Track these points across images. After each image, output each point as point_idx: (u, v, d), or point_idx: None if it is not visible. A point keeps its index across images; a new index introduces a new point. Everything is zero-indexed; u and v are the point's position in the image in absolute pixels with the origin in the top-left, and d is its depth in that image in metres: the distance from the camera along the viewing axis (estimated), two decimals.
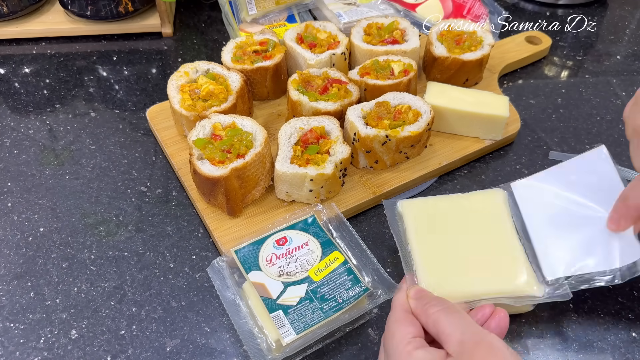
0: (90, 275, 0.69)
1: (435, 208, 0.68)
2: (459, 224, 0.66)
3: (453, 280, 0.61)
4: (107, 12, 1.02)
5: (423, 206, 0.68)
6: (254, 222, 0.72)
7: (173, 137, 0.83)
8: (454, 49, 0.88)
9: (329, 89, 0.81)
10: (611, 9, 1.19)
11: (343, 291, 0.60)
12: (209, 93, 0.79)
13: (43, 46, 1.04)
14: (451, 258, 0.63)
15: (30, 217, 0.75)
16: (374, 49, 0.88)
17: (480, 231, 0.66)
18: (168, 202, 0.78)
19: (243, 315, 0.60)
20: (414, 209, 0.68)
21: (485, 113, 0.81)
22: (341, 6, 1.07)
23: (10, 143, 0.86)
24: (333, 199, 0.75)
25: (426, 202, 0.69)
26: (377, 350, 0.62)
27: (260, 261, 0.63)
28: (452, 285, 0.61)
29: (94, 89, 0.96)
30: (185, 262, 0.71)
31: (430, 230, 0.66)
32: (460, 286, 0.61)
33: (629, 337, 0.64)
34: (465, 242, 0.65)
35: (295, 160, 0.71)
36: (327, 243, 0.65)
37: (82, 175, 0.81)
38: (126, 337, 0.63)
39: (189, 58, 1.03)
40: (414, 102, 0.79)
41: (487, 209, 0.68)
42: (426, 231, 0.65)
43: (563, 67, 1.04)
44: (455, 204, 0.68)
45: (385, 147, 0.75)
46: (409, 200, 0.69)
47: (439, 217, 0.67)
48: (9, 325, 0.64)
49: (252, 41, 0.89)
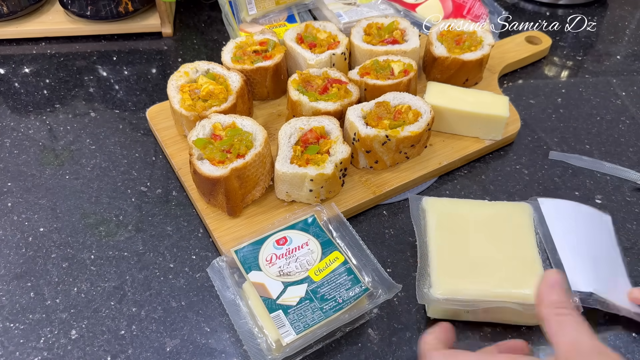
0: (90, 275, 0.69)
1: (459, 209, 0.69)
2: (480, 228, 0.67)
3: (465, 278, 0.62)
4: (107, 12, 1.02)
5: (448, 206, 0.69)
6: (254, 222, 0.72)
7: (173, 137, 0.83)
8: (454, 49, 0.88)
9: (329, 89, 0.81)
10: (611, 9, 1.19)
11: (343, 291, 0.60)
12: (209, 93, 0.79)
13: (43, 46, 1.04)
14: (467, 257, 0.64)
15: (30, 217, 0.75)
16: (374, 49, 0.88)
17: (500, 238, 0.66)
18: (168, 202, 0.78)
19: (243, 315, 0.60)
20: (438, 207, 0.69)
21: (485, 113, 0.81)
22: (341, 6, 1.07)
23: (10, 143, 0.86)
24: (333, 199, 0.75)
25: (451, 203, 0.70)
26: (377, 350, 0.62)
27: (260, 261, 0.63)
28: (463, 282, 0.62)
29: (94, 89, 0.96)
30: (185, 262, 0.71)
31: (451, 230, 0.67)
32: (471, 284, 0.62)
33: (629, 337, 0.64)
34: (483, 245, 0.65)
35: (295, 160, 0.71)
36: (327, 243, 0.65)
37: (82, 175, 0.81)
38: (126, 337, 0.63)
39: (189, 58, 1.03)
40: (414, 102, 0.79)
41: (511, 219, 0.68)
42: (447, 229, 0.67)
43: (563, 67, 1.04)
44: (480, 209, 0.69)
45: (385, 147, 0.75)
46: (435, 199, 0.70)
47: (462, 218, 0.68)
48: (9, 325, 0.64)
49: (252, 41, 0.89)
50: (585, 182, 0.81)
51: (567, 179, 0.82)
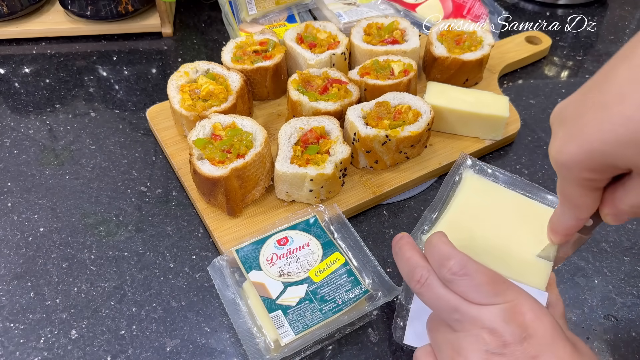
0: (90, 275, 0.69)
1: (496, 194, 0.66)
2: (507, 216, 0.64)
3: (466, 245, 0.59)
4: (107, 12, 1.02)
5: (486, 185, 0.67)
6: (254, 222, 0.72)
7: (173, 137, 0.83)
8: (454, 49, 0.88)
9: (329, 89, 0.81)
10: (611, 9, 1.19)
11: (343, 292, 0.60)
12: (209, 93, 0.79)
13: (43, 46, 1.04)
14: (478, 234, 0.62)
15: (30, 217, 0.75)
16: (374, 49, 0.88)
17: (522, 231, 0.63)
18: (168, 202, 0.78)
19: (242, 315, 0.60)
20: (476, 183, 0.66)
21: (486, 113, 0.81)
22: (341, 6, 1.07)
23: (10, 143, 0.86)
24: (333, 199, 0.75)
25: (489, 185, 0.67)
26: (376, 351, 0.62)
27: (261, 261, 0.63)
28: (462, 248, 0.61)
29: (94, 89, 0.96)
30: (185, 262, 0.71)
31: (476, 206, 0.64)
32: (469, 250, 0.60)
33: (629, 337, 0.64)
34: (502, 231, 0.62)
35: (295, 160, 0.71)
36: (328, 244, 0.65)
37: (82, 175, 0.81)
38: (126, 337, 0.63)
39: (189, 58, 1.03)
40: (414, 102, 0.79)
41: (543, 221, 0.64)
42: (472, 205, 0.64)
43: (563, 67, 1.04)
44: (517, 200, 0.66)
45: (385, 147, 0.75)
46: (478, 176, 0.67)
47: (494, 203, 0.65)
48: (9, 325, 0.64)
49: (252, 41, 0.89)
50: None
51: None
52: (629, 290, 0.68)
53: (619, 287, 0.69)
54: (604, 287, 0.69)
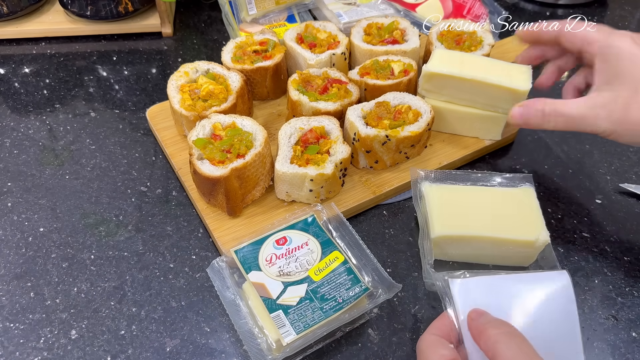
0: (90, 275, 0.69)
1: (458, 193, 0.70)
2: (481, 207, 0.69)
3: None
4: (107, 12, 1.02)
5: (445, 190, 0.71)
6: (254, 222, 0.72)
7: (173, 137, 0.83)
8: (454, 49, 0.88)
9: (329, 89, 0.81)
10: (611, 9, 1.19)
11: (343, 291, 0.60)
12: (209, 93, 0.79)
13: (43, 46, 1.04)
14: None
15: (30, 217, 0.75)
16: (374, 49, 0.88)
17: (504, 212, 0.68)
18: (168, 202, 0.78)
19: (243, 316, 0.60)
20: (436, 192, 0.70)
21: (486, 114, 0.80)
22: (341, 6, 1.07)
23: (10, 143, 0.86)
24: (333, 199, 0.75)
25: (448, 188, 0.71)
26: (377, 350, 0.62)
27: (260, 261, 0.63)
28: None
29: (94, 89, 0.96)
30: (185, 262, 0.71)
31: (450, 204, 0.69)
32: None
33: (629, 337, 0.64)
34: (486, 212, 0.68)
35: (295, 160, 0.71)
36: (326, 243, 0.65)
37: (82, 175, 0.81)
38: (126, 337, 0.63)
39: (189, 58, 1.03)
40: (414, 102, 0.79)
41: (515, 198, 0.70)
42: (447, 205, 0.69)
43: None
44: (483, 193, 0.71)
45: (385, 147, 0.75)
46: (437, 185, 0.71)
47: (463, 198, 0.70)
48: (9, 325, 0.64)
49: (252, 41, 0.89)
50: (585, 183, 0.81)
51: (567, 179, 0.82)
52: (629, 290, 0.68)
53: (619, 287, 0.69)
54: (604, 287, 0.69)
